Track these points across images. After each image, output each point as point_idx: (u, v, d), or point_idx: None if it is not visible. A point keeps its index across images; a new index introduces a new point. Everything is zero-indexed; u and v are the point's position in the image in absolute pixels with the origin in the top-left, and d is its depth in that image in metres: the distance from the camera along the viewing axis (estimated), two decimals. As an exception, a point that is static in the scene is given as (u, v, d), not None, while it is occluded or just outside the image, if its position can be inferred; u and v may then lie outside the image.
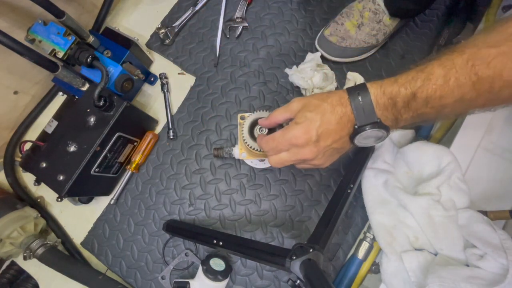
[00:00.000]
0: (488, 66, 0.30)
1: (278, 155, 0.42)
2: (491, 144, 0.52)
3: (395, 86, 0.35)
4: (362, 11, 0.62)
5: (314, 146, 0.39)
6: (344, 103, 0.37)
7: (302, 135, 0.38)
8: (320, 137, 0.38)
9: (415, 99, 0.34)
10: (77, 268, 0.58)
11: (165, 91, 0.69)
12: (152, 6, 0.77)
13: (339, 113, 0.37)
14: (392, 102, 0.35)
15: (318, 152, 0.39)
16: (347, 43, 0.64)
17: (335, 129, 0.38)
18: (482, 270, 0.41)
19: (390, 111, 0.36)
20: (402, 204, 0.51)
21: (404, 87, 0.34)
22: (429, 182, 0.50)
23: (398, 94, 0.35)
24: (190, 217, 0.64)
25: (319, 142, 0.38)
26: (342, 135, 0.38)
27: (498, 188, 0.52)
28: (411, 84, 0.34)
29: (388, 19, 0.62)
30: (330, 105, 0.38)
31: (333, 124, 0.37)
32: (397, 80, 0.35)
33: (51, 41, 0.55)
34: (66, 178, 0.53)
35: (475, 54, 0.31)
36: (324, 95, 0.39)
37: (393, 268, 0.49)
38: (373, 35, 0.63)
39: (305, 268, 0.41)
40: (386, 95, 0.35)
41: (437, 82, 0.32)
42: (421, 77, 0.33)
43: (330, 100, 0.38)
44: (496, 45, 0.30)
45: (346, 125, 0.38)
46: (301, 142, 0.39)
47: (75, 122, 0.57)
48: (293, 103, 0.41)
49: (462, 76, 0.31)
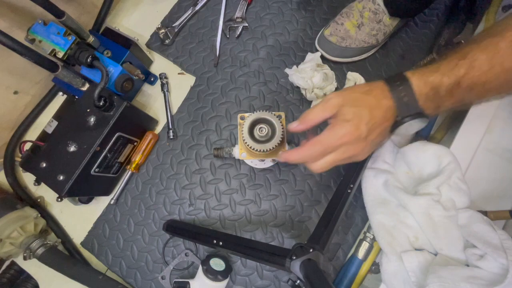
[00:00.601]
0: None
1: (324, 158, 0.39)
2: (491, 144, 0.52)
3: (438, 76, 0.34)
4: (362, 11, 0.62)
5: (363, 142, 0.37)
6: (387, 96, 0.36)
7: (353, 132, 0.36)
8: (369, 132, 0.37)
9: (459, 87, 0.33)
10: (77, 268, 0.58)
11: (165, 91, 0.69)
12: (152, 6, 0.77)
13: (384, 106, 0.36)
14: (434, 92, 0.34)
15: (365, 146, 0.38)
16: (347, 43, 0.64)
17: (381, 123, 0.37)
18: (482, 270, 0.41)
19: (432, 101, 0.35)
20: (402, 204, 0.51)
21: (447, 76, 0.34)
22: (429, 182, 0.50)
23: (441, 84, 0.34)
24: (190, 217, 0.64)
25: (368, 137, 0.37)
26: (386, 127, 0.38)
27: (498, 188, 0.52)
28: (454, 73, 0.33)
29: (388, 19, 0.62)
30: (375, 99, 0.37)
31: (380, 118, 0.37)
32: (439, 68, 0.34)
33: (51, 41, 0.55)
34: (66, 178, 0.53)
35: None
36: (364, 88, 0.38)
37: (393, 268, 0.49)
38: (373, 35, 0.63)
39: (305, 268, 0.41)
40: (428, 86, 0.35)
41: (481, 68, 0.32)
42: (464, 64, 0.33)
43: (374, 93, 0.37)
44: None
45: (390, 118, 0.37)
46: (352, 140, 0.37)
47: (75, 122, 0.57)
48: (331, 100, 0.38)
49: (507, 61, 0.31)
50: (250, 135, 0.49)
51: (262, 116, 0.49)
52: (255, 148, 0.48)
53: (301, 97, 0.67)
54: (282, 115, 0.53)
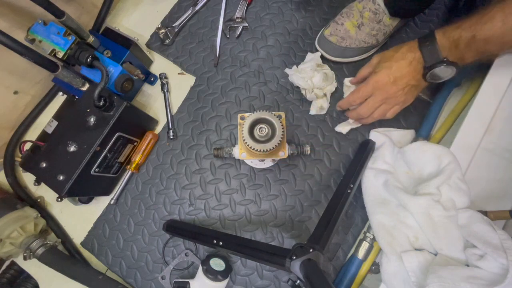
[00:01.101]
0: None
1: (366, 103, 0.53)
2: (491, 144, 0.52)
3: (457, 31, 0.42)
4: (362, 11, 0.62)
5: (392, 85, 0.49)
6: (413, 50, 0.47)
7: (381, 79, 0.49)
8: (396, 79, 0.49)
9: (475, 41, 0.41)
10: (77, 268, 0.58)
11: (165, 91, 0.69)
12: (152, 6, 0.77)
13: (409, 58, 0.47)
14: (454, 44, 0.43)
15: (397, 89, 0.50)
16: (347, 43, 0.63)
17: (408, 71, 0.48)
18: (482, 270, 0.41)
19: (453, 52, 0.43)
20: (402, 204, 0.51)
21: (466, 31, 0.41)
22: (429, 182, 0.50)
23: (459, 38, 0.42)
24: (190, 217, 0.64)
25: (396, 82, 0.49)
26: (414, 74, 0.48)
27: (498, 188, 0.52)
28: (472, 28, 0.40)
29: (388, 19, 0.62)
30: (401, 53, 0.48)
31: (405, 67, 0.48)
32: (460, 25, 0.42)
33: (51, 41, 0.55)
34: (66, 178, 0.53)
35: None
36: (397, 46, 0.50)
37: (393, 268, 0.49)
38: (373, 35, 0.63)
39: (305, 268, 0.41)
40: (449, 40, 0.43)
41: (496, 24, 0.39)
42: (482, 21, 0.40)
43: (402, 49, 0.49)
44: None
45: (416, 66, 0.47)
46: (381, 84, 0.50)
47: (75, 122, 0.57)
48: (373, 59, 0.54)
49: None
50: (250, 135, 0.49)
51: (262, 116, 0.49)
52: (255, 148, 0.48)
53: (301, 97, 0.67)
54: (282, 115, 0.53)
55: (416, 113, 0.64)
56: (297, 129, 0.65)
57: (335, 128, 0.64)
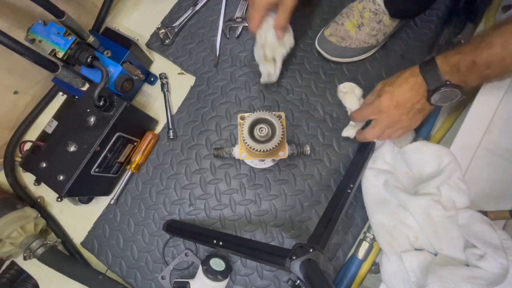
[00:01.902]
0: None
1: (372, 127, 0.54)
2: (491, 144, 0.52)
3: (457, 56, 0.43)
4: (362, 11, 0.62)
5: (395, 109, 0.49)
6: (415, 74, 0.47)
7: (384, 103, 0.50)
8: (398, 103, 0.49)
9: (475, 65, 0.41)
10: (77, 268, 0.58)
11: (165, 91, 0.69)
12: (152, 6, 0.77)
13: (411, 82, 0.48)
14: (455, 68, 0.43)
15: (401, 113, 0.50)
16: (347, 43, 0.63)
17: (411, 95, 0.48)
18: (482, 270, 0.41)
19: (455, 75, 0.44)
20: (402, 204, 0.51)
21: (465, 56, 0.42)
22: (429, 182, 0.50)
23: (460, 62, 0.43)
24: (190, 217, 0.64)
25: (399, 106, 0.49)
26: (418, 98, 0.48)
27: (498, 188, 0.52)
28: (472, 53, 0.41)
29: (388, 20, 0.62)
30: (403, 78, 0.49)
31: (407, 91, 0.48)
32: (460, 51, 0.43)
33: (51, 41, 0.55)
34: (66, 178, 0.53)
35: None
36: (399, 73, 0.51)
37: (393, 268, 0.49)
38: (373, 35, 0.63)
39: (305, 268, 0.41)
40: (449, 64, 0.44)
41: (495, 49, 0.39)
42: (481, 46, 0.40)
43: (404, 75, 0.49)
44: None
45: (419, 90, 0.47)
46: (384, 108, 0.50)
47: (75, 122, 0.57)
48: (376, 86, 0.54)
49: None
50: (250, 135, 0.49)
51: (262, 116, 0.49)
52: (255, 148, 0.48)
53: (301, 97, 0.67)
54: (282, 115, 0.53)
55: (416, 113, 0.64)
56: (297, 129, 0.65)
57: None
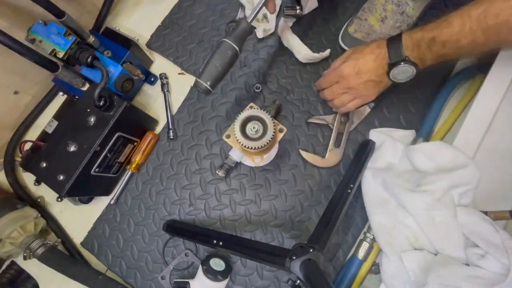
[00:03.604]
0: (497, 17, 0.38)
1: (331, 88, 0.56)
2: (492, 145, 0.52)
3: (420, 33, 0.45)
4: (385, 5, 0.62)
5: (356, 76, 0.51)
6: (381, 46, 0.49)
7: (346, 68, 0.52)
8: (360, 70, 0.51)
9: (435, 42, 0.44)
10: (77, 268, 0.58)
11: (165, 91, 0.69)
12: (152, 6, 0.77)
13: (376, 53, 0.50)
14: (417, 44, 0.46)
15: (359, 82, 0.51)
16: (373, 38, 0.63)
17: (373, 66, 0.50)
18: (483, 270, 0.41)
19: (415, 52, 0.46)
20: (402, 204, 0.51)
21: (427, 33, 0.45)
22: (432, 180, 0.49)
23: (422, 39, 0.45)
24: (190, 217, 0.64)
25: (360, 74, 0.51)
26: (378, 70, 0.50)
27: (498, 189, 0.51)
28: (433, 31, 0.44)
29: (411, 10, 0.62)
30: (370, 48, 0.51)
31: (371, 61, 0.50)
32: (423, 28, 0.45)
33: (51, 41, 0.55)
34: (66, 178, 0.53)
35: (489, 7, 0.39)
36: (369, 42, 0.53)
37: (393, 269, 0.49)
38: (397, 27, 0.62)
39: (305, 268, 0.41)
40: (412, 40, 0.46)
41: (454, 29, 0.42)
42: (442, 25, 0.43)
43: (372, 45, 0.51)
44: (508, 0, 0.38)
45: (381, 62, 0.49)
46: (345, 73, 0.52)
47: (75, 122, 0.57)
48: (346, 51, 0.55)
49: (475, 25, 0.40)
50: (242, 134, 0.49)
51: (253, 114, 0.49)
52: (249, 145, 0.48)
53: (301, 97, 0.67)
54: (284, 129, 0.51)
55: (416, 113, 0.64)
56: (297, 129, 0.65)
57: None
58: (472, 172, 0.48)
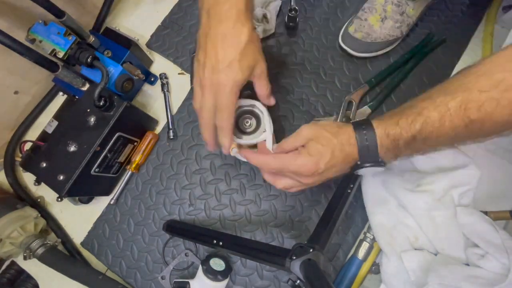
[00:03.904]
0: (479, 110, 0.33)
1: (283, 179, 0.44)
2: (492, 145, 0.52)
3: (397, 129, 0.38)
4: (384, 5, 0.62)
5: (318, 176, 0.41)
6: (352, 143, 0.40)
7: (312, 167, 0.40)
8: (325, 170, 0.41)
9: (415, 141, 0.37)
10: (77, 268, 0.58)
11: (165, 91, 0.69)
12: (152, 6, 0.77)
13: (347, 151, 0.40)
14: (395, 144, 0.38)
15: (318, 180, 0.42)
16: (372, 38, 0.63)
17: (340, 164, 0.41)
18: (483, 270, 0.41)
19: (391, 152, 0.39)
20: (402, 204, 0.51)
21: (405, 130, 0.37)
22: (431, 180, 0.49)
23: (400, 137, 0.38)
24: (190, 217, 0.64)
25: (323, 173, 0.41)
26: (344, 168, 0.42)
27: (498, 188, 0.52)
28: (411, 128, 0.37)
29: (411, 10, 0.62)
30: (340, 143, 0.40)
31: (339, 160, 0.40)
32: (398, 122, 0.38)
33: (51, 41, 0.55)
34: (66, 178, 0.53)
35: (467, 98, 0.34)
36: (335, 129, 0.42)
37: (393, 269, 0.49)
38: (397, 27, 0.63)
39: (305, 268, 0.41)
40: (389, 138, 0.38)
41: (434, 125, 0.36)
42: (420, 120, 0.36)
43: (340, 138, 0.40)
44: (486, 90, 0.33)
45: (350, 161, 0.41)
46: (308, 172, 0.41)
47: (75, 122, 0.57)
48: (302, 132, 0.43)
49: (456, 119, 0.35)
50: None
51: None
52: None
53: (301, 97, 0.67)
54: None
55: (416, 113, 0.64)
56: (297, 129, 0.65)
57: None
58: (472, 172, 0.48)
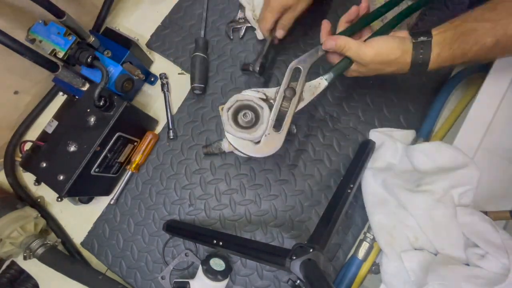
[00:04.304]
0: None
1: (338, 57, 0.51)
2: (492, 145, 0.52)
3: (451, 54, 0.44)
4: None
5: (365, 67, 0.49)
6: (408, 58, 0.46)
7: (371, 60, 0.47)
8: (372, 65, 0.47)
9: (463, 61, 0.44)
10: (77, 268, 0.58)
11: (165, 91, 0.69)
12: (152, 6, 0.77)
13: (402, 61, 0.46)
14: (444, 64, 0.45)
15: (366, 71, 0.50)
16: None
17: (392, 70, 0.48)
18: (483, 270, 0.41)
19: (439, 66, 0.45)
20: (402, 204, 0.51)
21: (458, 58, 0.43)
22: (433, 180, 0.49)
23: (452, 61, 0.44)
24: (190, 217, 0.64)
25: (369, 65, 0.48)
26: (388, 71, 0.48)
27: (498, 188, 0.51)
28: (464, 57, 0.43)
29: None
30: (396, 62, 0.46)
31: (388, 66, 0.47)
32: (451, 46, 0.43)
33: (51, 41, 0.55)
34: (66, 178, 0.53)
35: None
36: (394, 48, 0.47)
37: (393, 269, 0.49)
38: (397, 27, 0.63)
39: (305, 268, 0.41)
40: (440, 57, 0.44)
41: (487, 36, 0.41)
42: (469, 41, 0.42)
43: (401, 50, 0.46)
44: None
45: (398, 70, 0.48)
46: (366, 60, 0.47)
47: (75, 122, 0.57)
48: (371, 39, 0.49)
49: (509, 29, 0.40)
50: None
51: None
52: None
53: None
54: None
55: (416, 113, 0.64)
56: (297, 129, 0.65)
57: None
58: (472, 172, 0.48)
